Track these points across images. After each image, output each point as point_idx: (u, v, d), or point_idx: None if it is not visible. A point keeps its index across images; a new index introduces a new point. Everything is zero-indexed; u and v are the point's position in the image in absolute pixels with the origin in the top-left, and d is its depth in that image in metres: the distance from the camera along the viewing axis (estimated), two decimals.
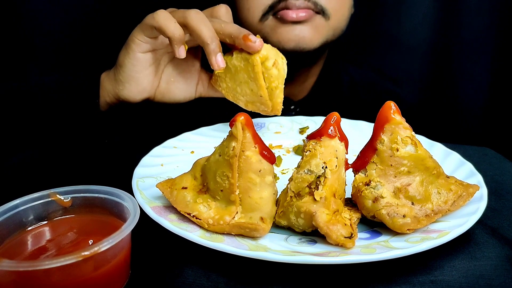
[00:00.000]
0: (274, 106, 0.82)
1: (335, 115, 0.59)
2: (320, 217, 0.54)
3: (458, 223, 0.57)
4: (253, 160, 0.57)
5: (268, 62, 0.78)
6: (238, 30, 0.77)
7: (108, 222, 0.54)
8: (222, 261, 0.54)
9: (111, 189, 0.56)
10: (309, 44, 1.02)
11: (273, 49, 0.80)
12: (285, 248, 0.54)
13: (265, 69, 0.79)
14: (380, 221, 0.57)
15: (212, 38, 0.76)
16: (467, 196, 0.61)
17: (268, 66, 0.78)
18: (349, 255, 0.51)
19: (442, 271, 0.53)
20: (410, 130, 0.59)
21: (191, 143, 0.86)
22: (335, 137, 0.58)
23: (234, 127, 0.57)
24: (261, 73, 0.78)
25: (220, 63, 0.78)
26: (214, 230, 0.57)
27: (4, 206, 0.52)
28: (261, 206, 0.57)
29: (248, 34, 0.76)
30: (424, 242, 0.53)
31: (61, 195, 0.56)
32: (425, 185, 0.59)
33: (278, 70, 0.80)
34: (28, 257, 0.50)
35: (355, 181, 0.60)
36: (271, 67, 0.79)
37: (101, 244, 0.45)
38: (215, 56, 0.77)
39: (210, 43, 0.76)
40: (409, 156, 0.58)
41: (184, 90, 0.91)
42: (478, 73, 1.40)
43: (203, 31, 0.75)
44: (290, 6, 0.97)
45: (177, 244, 0.56)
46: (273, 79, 0.79)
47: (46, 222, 0.55)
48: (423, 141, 0.81)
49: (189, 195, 0.60)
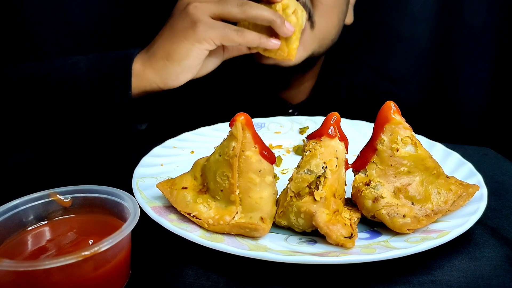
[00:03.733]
0: (290, 51, 0.88)
1: (335, 115, 0.59)
2: (320, 217, 0.54)
3: (458, 223, 0.57)
4: (253, 160, 0.57)
5: (289, 9, 0.86)
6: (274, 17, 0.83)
7: (108, 222, 0.54)
8: (222, 261, 0.54)
9: (111, 189, 0.56)
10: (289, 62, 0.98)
11: (293, 0, 0.88)
12: (285, 248, 0.54)
13: (286, 15, 0.86)
14: (380, 221, 0.57)
15: (274, 15, 0.83)
16: (467, 196, 0.61)
17: (288, 12, 0.86)
18: (349, 255, 0.51)
19: (442, 271, 0.53)
20: (410, 130, 0.59)
21: (191, 143, 0.86)
22: (335, 137, 0.58)
23: (234, 127, 0.57)
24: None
25: (291, 28, 0.85)
26: (214, 230, 0.57)
27: (4, 206, 0.52)
28: (261, 206, 0.57)
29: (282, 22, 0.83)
30: (424, 242, 0.53)
31: (61, 195, 0.56)
32: (425, 185, 0.59)
33: (297, 18, 0.87)
34: (28, 257, 0.50)
35: (355, 181, 0.60)
36: (291, 14, 0.86)
37: (101, 244, 0.45)
38: (284, 26, 0.84)
39: (276, 19, 0.83)
40: (409, 156, 0.58)
41: (214, 62, 0.93)
42: (478, 73, 1.40)
43: (264, 15, 0.83)
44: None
45: (177, 244, 0.56)
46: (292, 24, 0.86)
47: (46, 222, 0.55)
48: (423, 141, 0.81)
49: (189, 195, 0.60)
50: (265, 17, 0.83)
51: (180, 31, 0.84)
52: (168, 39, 0.85)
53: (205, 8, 0.83)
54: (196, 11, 0.83)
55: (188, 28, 0.83)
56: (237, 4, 0.83)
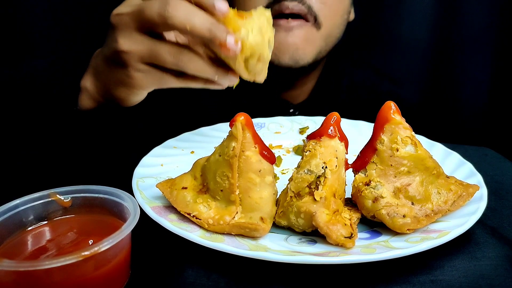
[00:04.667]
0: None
1: (335, 115, 0.59)
2: (320, 217, 0.54)
3: (458, 223, 0.57)
4: (253, 160, 0.57)
5: (252, 59, 0.64)
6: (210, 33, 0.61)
7: (108, 222, 0.54)
8: (222, 261, 0.54)
9: (111, 189, 0.56)
10: (303, 56, 1.02)
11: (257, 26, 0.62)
12: (285, 248, 0.54)
13: (249, 66, 0.65)
14: (380, 221, 0.57)
15: (209, 30, 0.61)
16: (467, 196, 0.61)
17: (251, 64, 0.64)
18: (349, 255, 0.51)
19: (442, 271, 0.53)
20: (410, 130, 0.59)
21: (191, 143, 0.86)
22: (335, 137, 0.59)
23: (234, 127, 0.57)
24: None
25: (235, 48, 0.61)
26: (214, 230, 0.57)
27: (4, 206, 0.52)
28: (261, 206, 0.57)
29: (223, 37, 0.60)
30: (424, 242, 0.53)
31: (61, 195, 0.56)
32: (425, 185, 0.59)
33: (263, 61, 0.65)
34: (28, 257, 0.50)
35: (355, 181, 0.60)
36: (256, 63, 0.65)
37: (101, 244, 0.45)
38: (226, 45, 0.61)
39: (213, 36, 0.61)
40: (409, 156, 0.58)
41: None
42: (478, 73, 1.40)
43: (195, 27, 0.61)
44: (283, 8, 0.97)
45: (177, 244, 0.56)
46: (257, 70, 0.66)
47: (46, 222, 0.55)
48: (423, 141, 0.81)
49: (189, 195, 0.60)
50: (204, 70, 0.66)
51: (116, 74, 0.71)
52: (104, 74, 0.75)
53: (135, 53, 0.67)
54: (127, 56, 0.67)
55: (122, 75, 0.70)
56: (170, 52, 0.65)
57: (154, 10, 0.63)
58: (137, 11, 0.66)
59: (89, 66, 0.79)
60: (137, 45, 0.67)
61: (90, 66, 0.79)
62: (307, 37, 1.01)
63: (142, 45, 0.67)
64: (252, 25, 0.63)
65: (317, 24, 1.01)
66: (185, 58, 0.65)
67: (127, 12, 0.67)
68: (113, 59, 0.71)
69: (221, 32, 0.60)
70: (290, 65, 1.03)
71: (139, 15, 0.65)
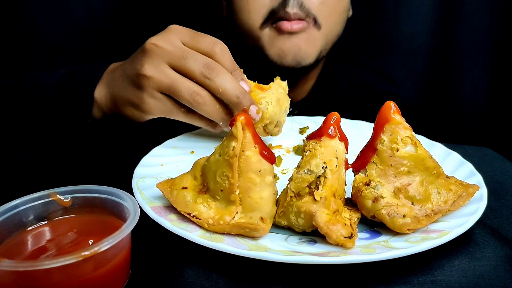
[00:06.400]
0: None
1: (335, 115, 0.59)
2: (320, 217, 0.54)
3: (458, 223, 0.57)
4: (253, 160, 0.57)
5: (271, 125, 0.78)
6: (237, 99, 0.72)
7: (108, 222, 0.54)
8: (222, 261, 0.54)
9: (111, 189, 0.56)
10: (305, 57, 1.05)
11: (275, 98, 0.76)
12: (285, 248, 0.54)
13: (267, 129, 0.79)
14: (380, 221, 0.57)
15: (237, 97, 0.72)
16: (467, 196, 0.61)
17: (269, 128, 0.78)
18: (349, 255, 0.51)
19: (442, 271, 0.53)
20: (410, 130, 0.59)
21: (191, 143, 0.86)
22: (335, 137, 0.59)
23: (234, 127, 0.57)
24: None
25: (256, 116, 0.74)
26: (214, 230, 0.57)
27: (4, 206, 0.52)
28: (261, 206, 0.57)
29: (247, 105, 0.72)
30: (424, 242, 0.53)
31: (61, 195, 0.56)
32: (425, 185, 0.59)
33: (280, 126, 0.80)
34: (28, 257, 0.50)
35: (355, 181, 0.60)
36: (273, 128, 0.79)
37: (101, 244, 0.45)
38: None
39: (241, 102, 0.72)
40: (409, 156, 0.58)
41: None
42: (478, 73, 1.40)
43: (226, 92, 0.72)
44: (286, 15, 1.00)
45: (177, 244, 0.56)
46: (274, 131, 0.80)
47: (46, 222, 0.55)
48: (423, 141, 0.81)
49: (189, 195, 0.60)
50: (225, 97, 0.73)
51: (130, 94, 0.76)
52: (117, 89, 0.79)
53: (156, 81, 0.73)
54: (147, 81, 0.73)
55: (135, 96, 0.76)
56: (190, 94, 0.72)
57: (198, 66, 0.71)
58: (180, 55, 0.72)
59: (102, 79, 0.82)
60: (160, 74, 0.72)
61: (103, 79, 0.82)
62: (309, 38, 1.04)
63: (165, 76, 0.72)
64: (272, 98, 0.76)
65: (317, 25, 1.04)
66: (201, 100, 0.72)
67: (166, 49, 0.72)
68: (132, 80, 0.75)
69: (247, 101, 0.73)
70: (293, 65, 1.06)
71: (180, 60, 0.72)
